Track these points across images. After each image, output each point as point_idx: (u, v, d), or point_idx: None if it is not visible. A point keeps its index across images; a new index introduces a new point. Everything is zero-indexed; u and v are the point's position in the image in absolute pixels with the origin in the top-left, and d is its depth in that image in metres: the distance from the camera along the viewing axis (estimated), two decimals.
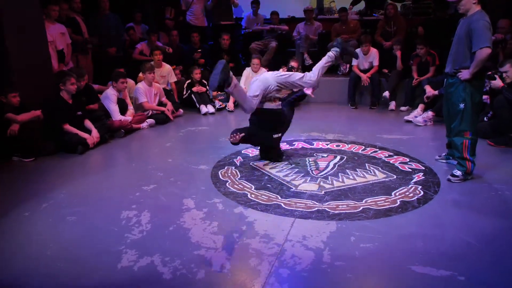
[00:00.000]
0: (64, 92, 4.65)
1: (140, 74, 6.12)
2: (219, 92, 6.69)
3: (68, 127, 4.61)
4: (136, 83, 6.13)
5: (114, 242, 2.71)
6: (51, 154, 4.53)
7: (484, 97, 4.70)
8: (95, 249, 2.65)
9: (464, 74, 3.40)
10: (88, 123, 4.82)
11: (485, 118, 4.84)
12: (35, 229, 2.94)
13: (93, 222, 3.01)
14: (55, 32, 5.43)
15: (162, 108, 5.96)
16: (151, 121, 5.73)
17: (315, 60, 7.35)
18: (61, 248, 2.68)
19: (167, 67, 6.59)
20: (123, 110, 5.46)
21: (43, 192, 3.55)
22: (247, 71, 6.93)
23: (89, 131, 4.74)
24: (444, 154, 4.07)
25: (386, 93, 6.38)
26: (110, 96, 5.34)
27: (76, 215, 3.12)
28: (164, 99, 6.09)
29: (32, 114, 4.44)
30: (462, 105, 3.48)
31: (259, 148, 4.32)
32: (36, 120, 4.49)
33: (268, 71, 7.00)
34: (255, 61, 6.82)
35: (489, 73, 4.30)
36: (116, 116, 5.29)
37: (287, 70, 6.57)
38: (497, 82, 4.39)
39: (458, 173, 3.58)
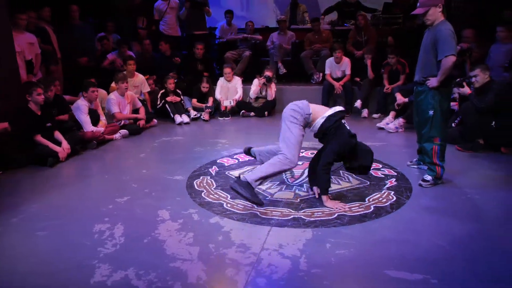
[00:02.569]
0: (32, 103, 4.53)
1: (113, 84, 6.03)
2: (207, 105, 6.70)
3: (39, 138, 4.49)
4: (109, 93, 6.04)
5: (86, 257, 2.63)
6: (21, 167, 4.39)
7: (452, 103, 4.86)
8: (67, 263, 2.57)
9: (432, 82, 3.51)
10: (58, 135, 4.70)
11: (452, 124, 5.00)
12: (5, 244, 2.83)
13: (64, 236, 2.92)
14: (24, 42, 5.28)
15: (135, 115, 5.91)
16: (124, 131, 5.64)
17: (289, 69, 7.52)
18: (32, 263, 2.59)
19: (140, 77, 6.52)
20: (95, 121, 5.35)
21: (12, 206, 3.42)
22: (221, 80, 6.95)
23: (59, 143, 4.62)
24: (415, 159, 4.17)
25: (358, 103, 6.51)
26: (81, 107, 5.22)
27: (47, 229, 3.02)
28: (139, 105, 6.03)
29: None
30: (431, 112, 3.58)
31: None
32: (3, 133, 4.34)
33: (242, 80, 7.08)
34: (227, 70, 6.86)
35: (457, 80, 4.45)
36: (88, 127, 5.17)
37: (266, 81, 6.65)
38: (465, 90, 4.55)
39: (429, 178, 3.68)
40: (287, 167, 3.20)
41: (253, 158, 4.53)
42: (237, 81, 7.00)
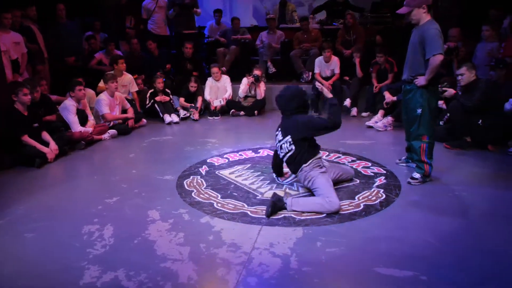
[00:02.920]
0: (18, 103, 4.46)
1: (100, 84, 5.97)
2: (193, 105, 6.68)
3: (27, 139, 4.43)
4: (96, 93, 5.98)
5: (75, 258, 2.61)
6: (6, 168, 4.32)
7: (440, 102, 4.91)
8: (55, 266, 2.54)
9: (420, 81, 3.55)
10: (45, 135, 4.63)
11: (440, 123, 5.06)
12: None
13: (52, 238, 2.89)
14: (9, 41, 5.21)
15: (124, 115, 5.87)
16: (113, 131, 5.59)
17: (279, 68, 7.53)
18: (19, 266, 2.55)
19: (128, 76, 6.46)
20: (83, 121, 5.30)
21: None
22: (209, 81, 6.92)
23: (47, 144, 4.56)
24: (404, 157, 4.21)
25: (347, 102, 6.55)
26: (69, 107, 5.16)
27: (34, 231, 2.98)
28: (128, 106, 5.99)
29: None
30: (419, 110, 3.61)
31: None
32: None
33: (229, 78, 7.06)
34: (214, 69, 6.84)
35: (439, 89, 4.43)
36: (76, 127, 5.11)
37: (254, 80, 6.65)
38: (449, 92, 4.61)
39: (417, 175, 3.71)
40: (332, 209, 3.14)
41: (243, 158, 4.55)
42: (226, 79, 6.99)
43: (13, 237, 2.92)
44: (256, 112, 6.76)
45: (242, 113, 6.78)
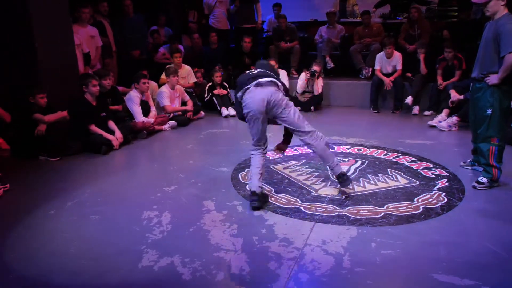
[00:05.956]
0: (88, 94, 4.76)
1: (163, 76, 6.21)
2: None
3: (94, 128, 4.72)
4: (159, 85, 6.23)
5: (135, 242, 2.75)
6: (76, 154, 4.64)
7: None
8: (117, 247, 2.69)
9: (492, 79, 3.32)
10: (112, 124, 4.92)
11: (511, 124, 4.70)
12: (59, 227, 3.01)
13: (115, 221, 3.06)
14: (84, 35, 5.54)
15: (183, 108, 6.07)
16: (172, 123, 5.80)
17: (338, 63, 7.37)
18: (84, 246, 2.73)
19: (186, 67, 6.67)
20: (146, 111, 5.55)
21: (68, 191, 3.63)
22: None
23: (112, 132, 4.84)
24: (469, 160, 3.97)
25: (409, 99, 6.28)
26: (133, 98, 5.43)
27: (99, 214, 3.19)
28: (187, 99, 6.18)
29: (58, 115, 4.56)
30: (489, 111, 3.39)
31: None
32: (62, 121, 4.61)
33: (286, 72, 7.02)
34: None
35: None
36: (139, 117, 5.38)
37: (310, 75, 6.58)
38: None
39: (484, 180, 3.49)
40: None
41: (298, 153, 4.53)
42: (282, 73, 6.95)
43: (80, 218, 3.13)
44: (312, 107, 6.70)
45: (298, 108, 6.72)
